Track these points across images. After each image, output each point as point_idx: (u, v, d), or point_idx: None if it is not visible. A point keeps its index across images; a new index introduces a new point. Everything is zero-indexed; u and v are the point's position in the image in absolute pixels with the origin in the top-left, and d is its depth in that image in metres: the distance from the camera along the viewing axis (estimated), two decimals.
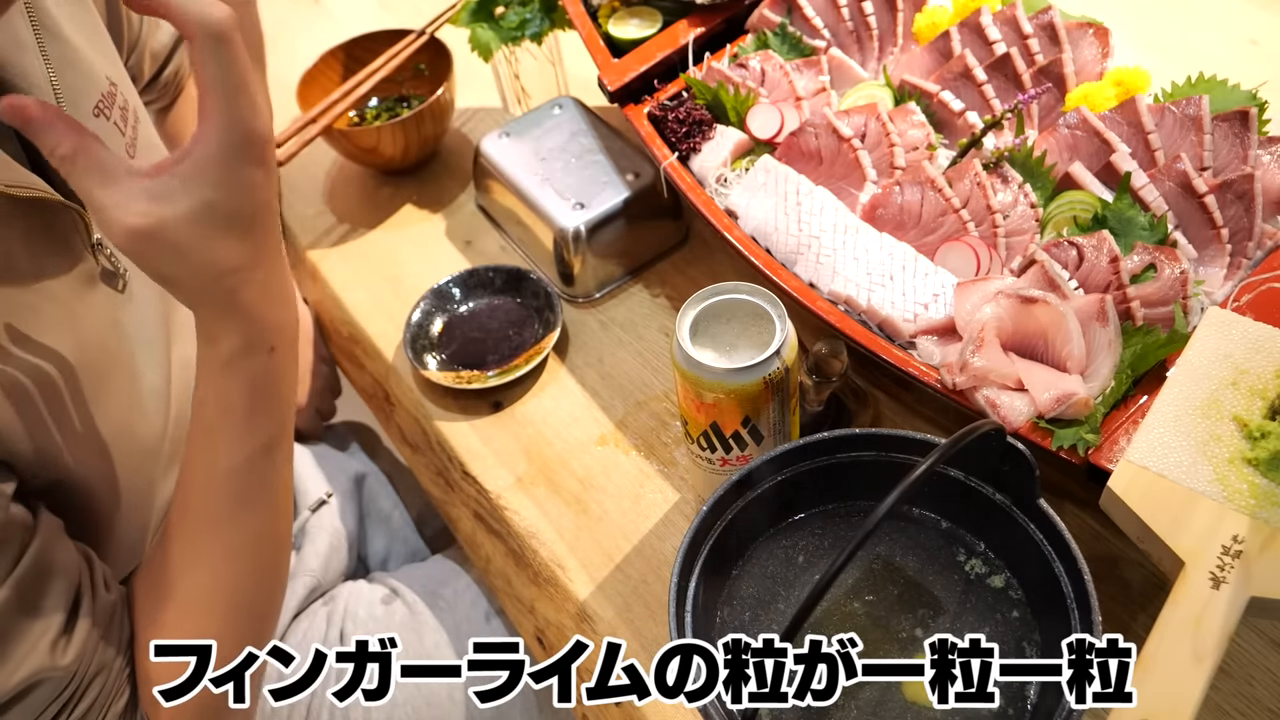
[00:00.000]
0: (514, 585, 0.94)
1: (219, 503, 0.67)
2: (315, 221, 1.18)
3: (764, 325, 0.75)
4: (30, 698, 0.61)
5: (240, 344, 0.62)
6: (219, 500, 0.67)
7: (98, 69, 0.74)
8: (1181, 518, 0.64)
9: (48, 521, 0.64)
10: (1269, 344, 0.71)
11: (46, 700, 0.62)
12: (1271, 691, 0.72)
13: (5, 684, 0.59)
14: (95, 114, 0.72)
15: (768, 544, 0.72)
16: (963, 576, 0.69)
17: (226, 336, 0.62)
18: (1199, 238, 0.83)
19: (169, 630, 0.68)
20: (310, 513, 1.05)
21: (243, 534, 0.68)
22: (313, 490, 1.08)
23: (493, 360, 0.99)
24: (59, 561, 0.63)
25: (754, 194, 0.92)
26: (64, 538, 0.65)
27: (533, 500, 0.91)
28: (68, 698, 0.63)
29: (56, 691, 0.62)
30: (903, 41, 1.03)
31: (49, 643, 0.61)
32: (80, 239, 0.69)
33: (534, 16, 1.11)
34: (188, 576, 0.68)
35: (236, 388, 0.63)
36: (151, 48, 0.99)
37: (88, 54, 0.73)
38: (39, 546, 0.62)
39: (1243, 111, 0.85)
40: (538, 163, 1.05)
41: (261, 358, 0.63)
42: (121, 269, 0.73)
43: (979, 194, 0.86)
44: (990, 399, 0.75)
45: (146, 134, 0.81)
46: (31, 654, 0.60)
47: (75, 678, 0.63)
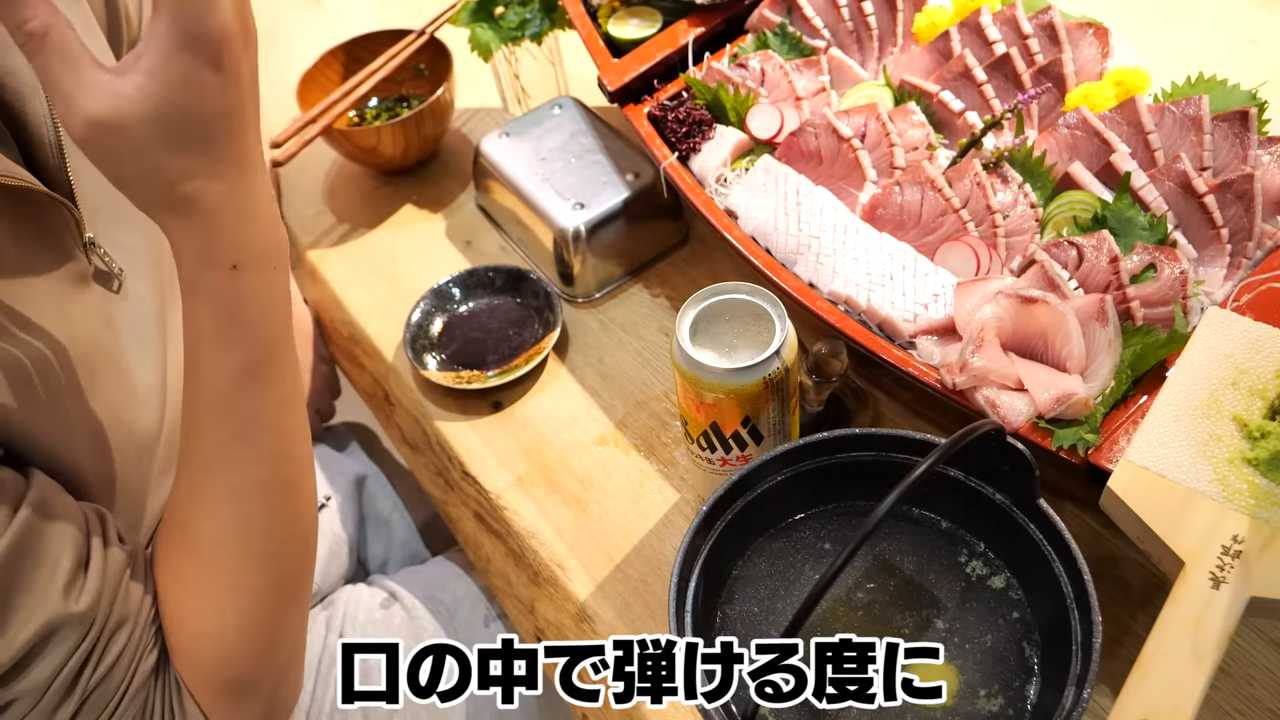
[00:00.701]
0: (514, 585, 0.94)
1: (212, 439, 0.65)
2: (315, 221, 1.18)
3: (764, 325, 0.75)
4: (50, 647, 0.60)
5: (198, 259, 0.60)
6: (212, 436, 0.65)
7: None
8: (1181, 518, 0.64)
9: (43, 479, 0.63)
10: (1269, 344, 0.71)
11: (69, 651, 0.60)
12: (1271, 691, 0.72)
13: (20, 634, 0.58)
14: None
15: (768, 544, 0.72)
16: (962, 576, 0.69)
17: (186, 251, 0.60)
18: (1199, 238, 0.83)
19: (189, 579, 0.66)
20: None
21: (243, 473, 0.66)
22: None
23: (493, 360, 0.99)
24: (60, 511, 0.62)
25: (754, 194, 0.92)
26: (63, 493, 0.64)
27: (533, 500, 0.91)
28: (89, 648, 0.61)
29: (77, 641, 0.61)
30: (903, 41, 1.03)
31: (60, 588, 0.60)
32: (71, 236, 0.68)
33: (534, 16, 1.11)
34: (198, 521, 0.66)
35: (202, 308, 0.61)
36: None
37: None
38: (36, 497, 0.61)
39: (1243, 111, 0.85)
40: (538, 163, 1.05)
41: (221, 274, 0.60)
42: (116, 269, 0.73)
43: (979, 194, 0.86)
44: (990, 399, 0.75)
45: None
46: (43, 600, 0.59)
47: (95, 627, 0.62)
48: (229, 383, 0.64)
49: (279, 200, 1.20)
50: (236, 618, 0.67)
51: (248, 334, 0.63)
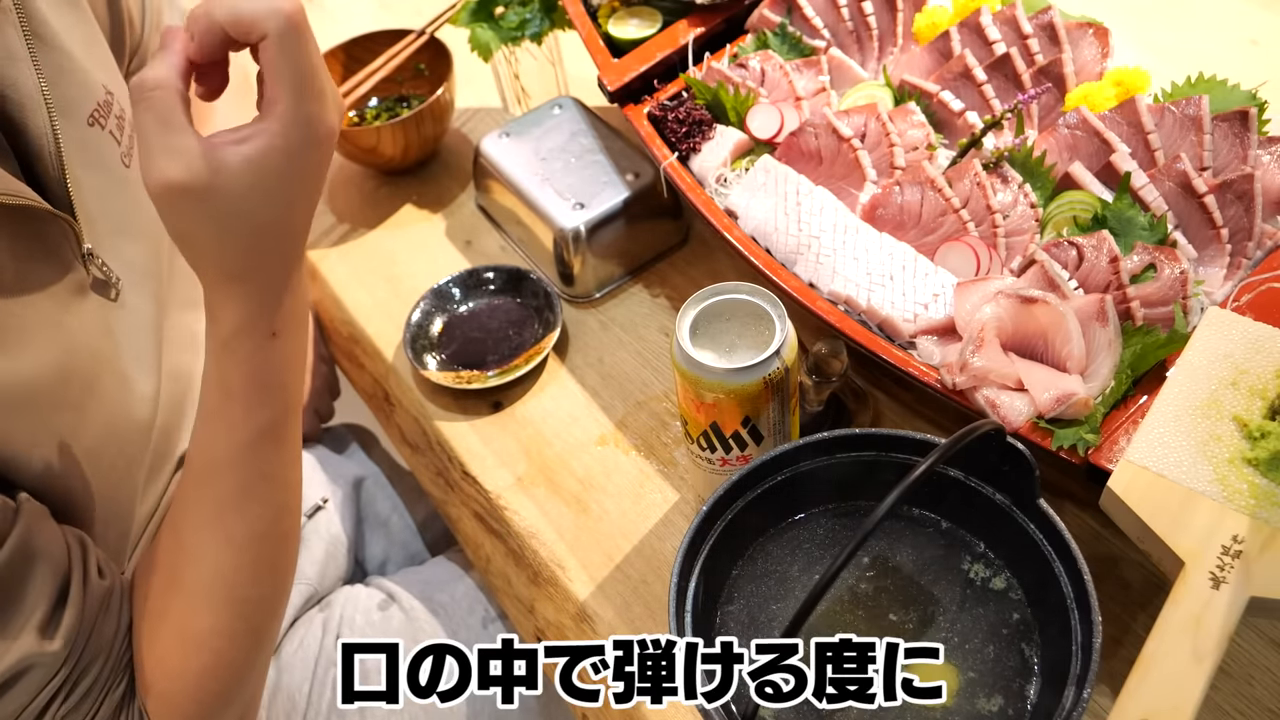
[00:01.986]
0: (514, 585, 0.94)
1: (222, 490, 0.66)
2: (315, 221, 1.16)
3: (764, 325, 0.75)
4: (21, 683, 0.60)
5: (242, 322, 0.61)
6: (222, 488, 0.66)
7: (94, 78, 0.73)
8: (1181, 518, 0.64)
9: (30, 508, 0.63)
10: (1269, 344, 0.71)
11: (38, 685, 0.61)
12: (1271, 691, 0.72)
13: None
14: (90, 123, 0.72)
15: (768, 544, 0.72)
16: (962, 577, 0.69)
17: (228, 312, 0.61)
18: (1199, 238, 0.83)
19: (173, 620, 0.67)
20: (306, 519, 1.05)
21: (244, 525, 0.67)
22: (309, 495, 1.07)
23: (493, 360, 0.99)
24: (43, 547, 0.62)
25: (754, 194, 0.92)
26: (49, 522, 0.64)
27: (533, 500, 0.91)
28: (60, 683, 0.62)
29: (48, 676, 0.61)
30: (903, 41, 1.03)
31: (35, 628, 0.60)
32: (70, 248, 0.68)
33: (534, 16, 1.11)
34: (191, 566, 0.67)
35: (235, 369, 0.63)
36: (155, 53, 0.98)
37: (84, 63, 0.73)
38: (21, 532, 0.61)
39: (1243, 111, 0.85)
40: (538, 163, 1.05)
41: (262, 340, 0.62)
42: (114, 278, 0.73)
43: (979, 194, 0.86)
44: (990, 399, 0.75)
45: None
46: (18, 640, 0.59)
47: (68, 663, 0.62)
48: (248, 440, 0.65)
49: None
50: (213, 659, 0.68)
51: (275, 395, 0.65)
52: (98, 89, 0.73)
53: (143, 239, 0.77)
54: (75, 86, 0.71)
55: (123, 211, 0.75)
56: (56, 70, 0.69)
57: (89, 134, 0.72)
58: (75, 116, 0.71)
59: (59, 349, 0.66)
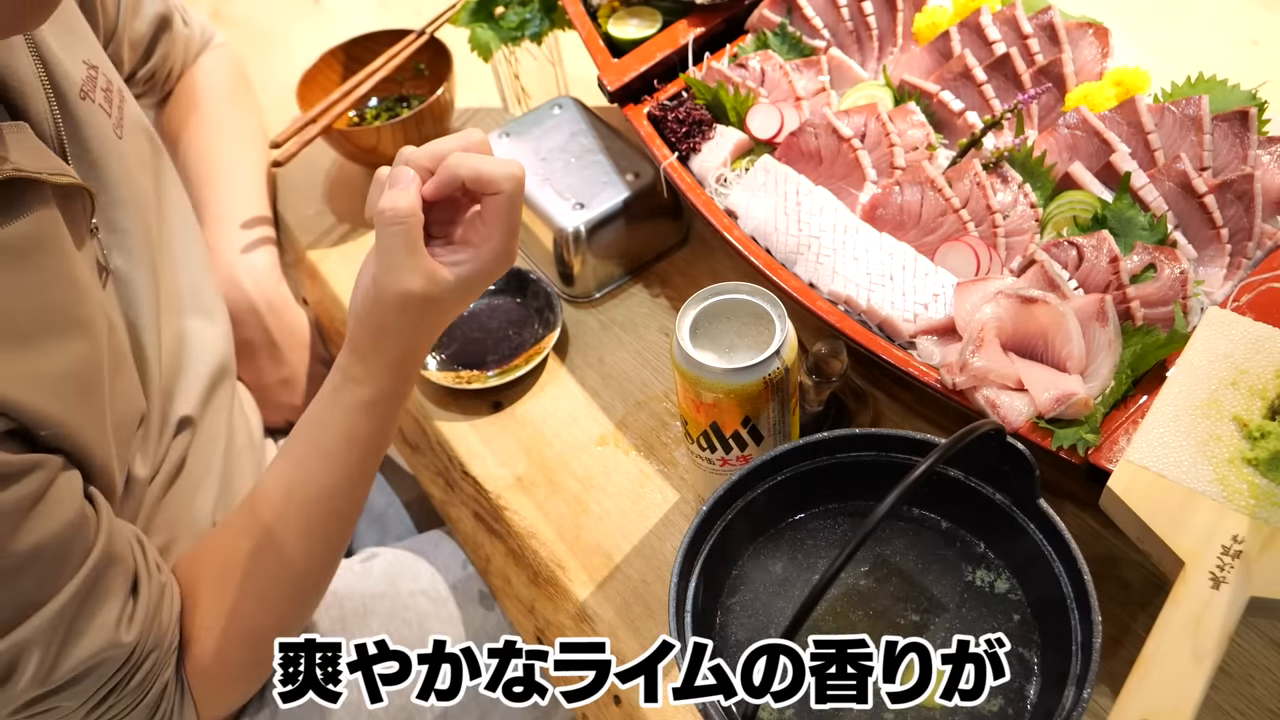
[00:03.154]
0: (514, 585, 0.94)
1: (317, 516, 0.76)
2: (315, 221, 1.18)
3: (764, 325, 0.75)
4: (98, 670, 0.67)
5: (389, 391, 0.73)
6: (317, 514, 0.76)
7: (75, 52, 0.76)
8: (1181, 518, 0.64)
9: (106, 512, 0.68)
10: (1269, 344, 0.71)
11: (109, 674, 0.68)
12: (1271, 691, 0.72)
13: (78, 658, 0.65)
14: (81, 97, 0.73)
15: (768, 544, 0.72)
16: (962, 577, 0.69)
17: (384, 381, 0.72)
18: (1199, 238, 0.83)
19: (244, 616, 0.75)
20: None
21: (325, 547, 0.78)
22: None
23: (493, 360, 0.99)
24: (119, 548, 0.68)
25: (754, 194, 0.92)
26: (118, 523, 0.70)
27: (533, 500, 0.91)
28: (128, 669, 0.69)
29: (118, 666, 0.68)
30: (903, 41, 1.03)
31: (113, 621, 0.67)
32: (86, 223, 0.70)
33: (534, 16, 1.11)
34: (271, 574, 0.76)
35: (369, 426, 0.74)
36: (130, 37, 1.00)
37: (65, 38, 0.75)
38: (104, 539, 0.66)
39: (1243, 111, 0.85)
40: (538, 163, 1.05)
41: (397, 405, 0.75)
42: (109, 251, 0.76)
43: (979, 194, 0.86)
44: (990, 399, 0.75)
45: (132, 111, 0.83)
46: (102, 631, 0.66)
47: (135, 652, 0.69)
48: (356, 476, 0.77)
49: (277, 200, 1.20)
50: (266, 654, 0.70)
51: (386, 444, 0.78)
52: (78, 63, 0.75)
53: (136, 210, 0.79)
54: (62, 63, 0.73)
55: (117, 184, 0.77)
56: (45, 49, 0.71)
57: (82, 108, 0.74)
58: (69, 93, 0.73)
59: (104, 325, 0.70)
